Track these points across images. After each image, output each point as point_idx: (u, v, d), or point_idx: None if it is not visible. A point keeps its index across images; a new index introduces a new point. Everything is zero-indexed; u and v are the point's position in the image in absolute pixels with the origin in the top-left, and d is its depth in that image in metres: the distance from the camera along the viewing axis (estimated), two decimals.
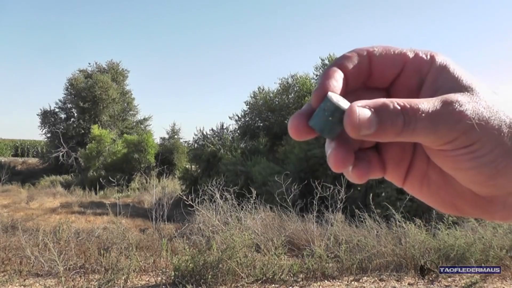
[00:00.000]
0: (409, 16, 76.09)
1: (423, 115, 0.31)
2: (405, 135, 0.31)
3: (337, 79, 0.34)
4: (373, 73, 0.36)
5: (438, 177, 0.36)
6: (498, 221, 0.37)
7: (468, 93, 0.33)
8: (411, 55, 0.36)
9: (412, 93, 0.36)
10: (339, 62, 0.35)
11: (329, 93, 0.33)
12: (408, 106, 0.31)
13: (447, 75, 0.34)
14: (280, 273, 4.56)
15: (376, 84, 0.38)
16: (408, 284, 4.60)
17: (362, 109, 0.31)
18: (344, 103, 0.33)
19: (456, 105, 0.31)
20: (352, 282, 4.66)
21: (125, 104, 28.34)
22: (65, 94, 27.11)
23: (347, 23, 77.93)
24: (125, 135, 23.57)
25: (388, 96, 0.38)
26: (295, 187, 7.24)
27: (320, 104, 0.33)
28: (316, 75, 16.69)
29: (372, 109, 0.31)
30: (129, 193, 17.57)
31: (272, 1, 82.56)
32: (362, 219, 6.06)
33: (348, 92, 0.36)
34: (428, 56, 0.36)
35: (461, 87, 0.33)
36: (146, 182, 18.11)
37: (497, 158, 0.31)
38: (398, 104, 0.31)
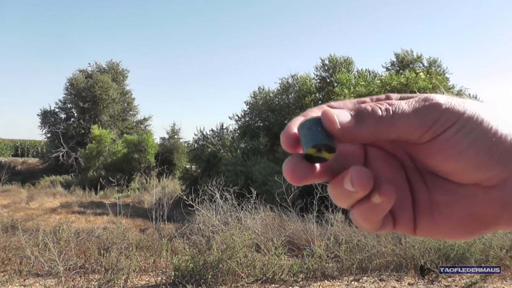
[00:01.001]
0: (410, 16, 76.10)
1: (400, 104, 0.32)
2: (384, 123, 0.32)
3: None
4: None
5: (444, 195, 0.35)
6: None
7: (433, 94, 0.34)
8: (367, 100, 0.37)
9: None
10: (303, 114, 0.36)
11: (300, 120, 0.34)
12: (382, 101, 0.33)
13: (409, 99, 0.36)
14: (280, 273, 4.56)
15: None
16: (408, 284, 4.60)
17: (337, 110, 0.33)
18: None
19: (431, 96, 0.33)
20: (352, 282, 4.66)
21: (125, 104, 28.33)
22: (65, 94, 27.13)
23: (348, 23, 77.94)
24: (125, 135, 23.57)
25: None
26: (295, 187, 7.24)
27: (299, 132, 0.33)
28: (317, 75, 16.68)
29: (346, 109, 0.34)
30: (129, 193, 17.57)
31: (273, 1, 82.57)
32: None
33: None
34: (384, 96, 0.37)
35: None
36: (146, 182, 18.12)
37: (488, 130, 0.31)
38: (375, 103, 0.33)
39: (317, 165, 0.34)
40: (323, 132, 0.32)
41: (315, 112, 0.36)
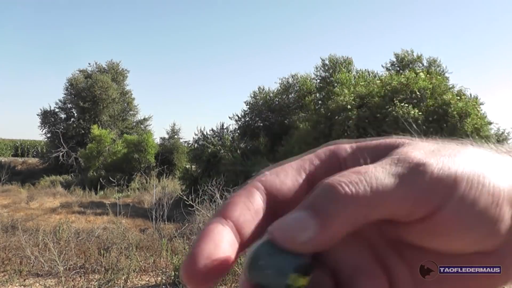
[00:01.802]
0: (411, 16, 76.10)
1: (378, 172, 0.23)
2: (360, 212, 0.22)
3: (217, 242, 0.23)
4: (278, 210, 0.25)
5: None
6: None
7: (407, 145, 0.26)
8: (309, 167, 0.27)
9: None
10: (222, 214, 0.24)
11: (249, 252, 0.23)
12: (349, 173, 0.23)
13: (368, 150, 0.27)
14: None
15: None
16: None
17: (287, 220, 0.23)
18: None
19: (410, 155, 0.24)
20: None
21: (125, 104, 28.35)
22: (65, 94, 27.15)
23: (349, 23, 77.94)
24: (125, 135, 23.59)
25: None
26: None
27: (252, 279, 0.23)
28: (317, 75, 16.69)
29: (300, 208, 0.23)
30: (129, 193, 17.58)
31: (273, 1, 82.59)
32: None
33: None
34: (328, 153, 0.28)
35: (395, 145, 0.26)
36: (146, 182, 18.12)
37: (492, 198, 0.23)
38: (333, 179, 0.23)
39: None
40: (286, 260, 0.22)
41: (241, 199, 0.24)
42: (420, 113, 10.01)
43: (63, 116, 27.25)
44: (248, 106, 17.42)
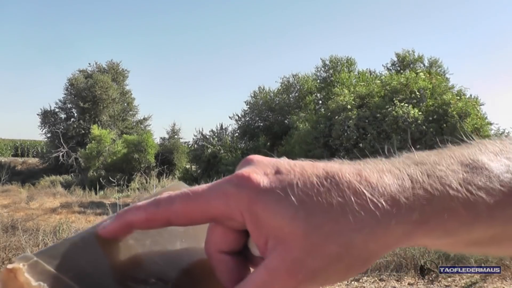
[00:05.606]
0: (412, 17, 76.02)
1: None
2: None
3: None
4: None
5: None
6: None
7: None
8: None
9: None
10: None
11: None
12: None
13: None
14: None
15: None
16: (408, 284, 4.60)
17: None
18: None
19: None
20: (352, 282, 4.66)
21: (125, 104, 28.36)
22: (65, 94, 27.15)
23: (350, 23, 77.92)
24: (124, 135, 23.59)
25: None
26: None
27: None
28: (317, 75, 16.68)
29: None
30: (129, 193, 17.58)
31: (274, 0, 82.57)
32: None
33: None
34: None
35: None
36: (146, 182, 18.13)
37: None
38: None
39: None
40: None
41: None
42: (420, 113, 10.01)
43: (63, 116, 27.26)
44: (248, 106, 17.42)
